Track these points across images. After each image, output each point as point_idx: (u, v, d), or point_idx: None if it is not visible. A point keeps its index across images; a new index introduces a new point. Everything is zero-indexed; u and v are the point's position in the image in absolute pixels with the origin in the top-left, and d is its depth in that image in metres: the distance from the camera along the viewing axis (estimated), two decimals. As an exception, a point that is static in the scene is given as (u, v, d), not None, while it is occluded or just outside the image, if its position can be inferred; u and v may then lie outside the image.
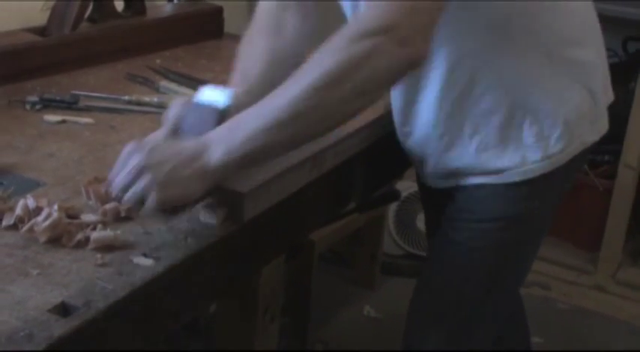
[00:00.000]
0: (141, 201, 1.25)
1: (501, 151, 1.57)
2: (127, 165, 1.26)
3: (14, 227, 1.29)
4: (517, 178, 1.59)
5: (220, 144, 1.28)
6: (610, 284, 2.86)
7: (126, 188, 1.25)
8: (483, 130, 1.57)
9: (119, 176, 1.26)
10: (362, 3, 1.45)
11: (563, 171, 1.61)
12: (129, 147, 1.28)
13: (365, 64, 1.27)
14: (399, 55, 1.28)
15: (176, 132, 1.40)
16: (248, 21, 2.78)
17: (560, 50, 1.56)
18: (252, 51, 1.63)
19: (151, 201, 1.24)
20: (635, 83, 2.64)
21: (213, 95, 1.42)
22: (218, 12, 2.30)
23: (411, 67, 1.32)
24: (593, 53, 1.65)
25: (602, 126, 1.68)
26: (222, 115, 1.39)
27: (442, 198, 1.71)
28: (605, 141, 1.70)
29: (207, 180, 1.29)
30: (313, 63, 1.30)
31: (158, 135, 1.39)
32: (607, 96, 1.70)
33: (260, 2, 1.68)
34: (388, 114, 1.69)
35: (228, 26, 2.33)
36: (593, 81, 1.64)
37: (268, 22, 1.65)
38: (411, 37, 1.28)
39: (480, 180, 1.61)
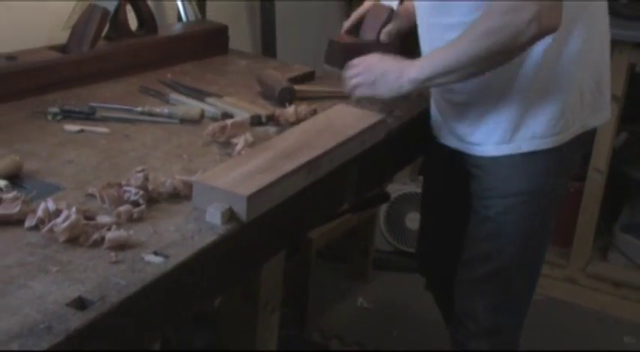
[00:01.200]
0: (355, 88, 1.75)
1: (517, 126, 1.72)
2: (358, 65, 1.76)
3: (36, 228, 1.29)
4: (528, 149, 1.72)
5: (415, 67, 1.67)
6: (581, 277, 2.88)
7: (352, 77, 1.75)
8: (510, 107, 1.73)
9: (350, 72, 1.76)
10: None
11: (567, 149, 1.74)
12: (357, 60, 1.77)
13: (503, 31, 1.54)
14: (527, 30, 1.51)
15: (357, 25, 1.96)
16: (251, 39, 2.78)
17: (580, 48, 1.69)
18: None
19: (360, 90, 1.75)
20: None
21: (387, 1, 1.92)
22: (223, 30, 2.30)
23: (539, 36, 1.54)
24: (603, 52, 1.78)
25: (604, 116, 1.82)
26: (392, 13, 1.90)
27: (461, 171, 1.86)
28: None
29: (401, 90, 1.69)
30: (476, 24, 1.58)
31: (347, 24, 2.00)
32: (608, 93, 1.81)
33: None
34: (379, 124, 1.72)
35: (233, 43, 2.33)
36: (600, 74, 1.76)
37: None
38: (542, 9, 1.49)
39: (496, 152, 1.76)
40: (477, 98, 1.75)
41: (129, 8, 2.08)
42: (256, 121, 1.76)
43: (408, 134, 1.91)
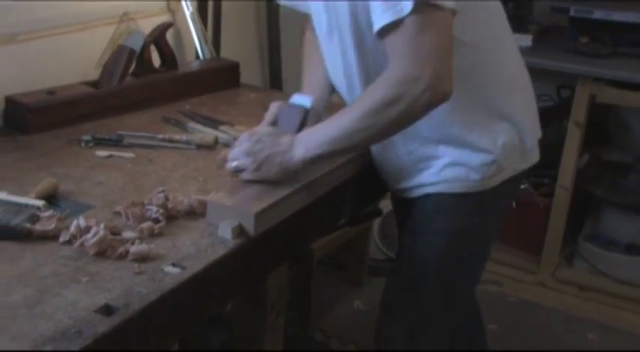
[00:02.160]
0: (238, 172, 1.48)
1: (458, 169, 1.58)
2: (240, 146, 1.48)
3: (69, 242, 1.29)
4: (460, 190, 1.59)
5: (302, 146, 1.45)
6: (550, 281, 2.87)
7: (232, 160, 1.49)
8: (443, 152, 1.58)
9: (233, 152, 1.49)
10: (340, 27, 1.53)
11: (497, 191, 1.61)
12: (245, 135, 1.50)
13: (400, 102, 1.36)
14: (423, 99, 1.36)
15: (274, 122, 1.59)
16: (259, 74, 2.79)
17: (495, 101, 1.57)
18: (311, 69, 1.74)
19: (245, 175, 1.47)
20: (567, 121, 2.65)
21: (300, 100, 1.61)
22: (235, 67, 2.30)
23: (434, 104, 1.39)
24: (521, 103, 1.65)
25: (533, 157, 1.68)
26: (306, 113, 1.58)
27: (405, 209, 1.71)
28: (544, 167, 1.69)
29: (288, 171, 1.46)
30: (367, 95, 1.42)
31: (262, 126, 1.59)
32: (535, 134, 1.69)
33: (305, 34, 1.80)
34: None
35: (244, 78, 2.33)
36: (521, 124, 1.63)
37: (313, 47, 1.73)
38: (431, 82, 1.35)
39: (429, 190, 1.61)
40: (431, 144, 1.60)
41: (153, 48, 2.09)
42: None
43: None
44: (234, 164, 1.49)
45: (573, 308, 2.82)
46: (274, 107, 1.62)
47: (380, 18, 1.35)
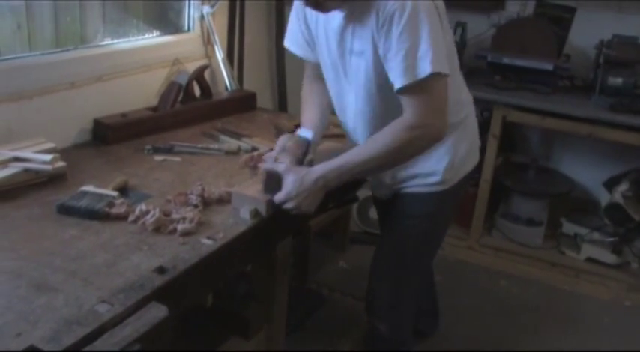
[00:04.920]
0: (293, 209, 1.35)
1: (425, 177, 1.55)
2: (288, 190, 1.34)
3: (135, 221, 1.30)
4: (429, 190, 1.55)
5: (323, 178, 1.34)
6: (476, 246, 2.86)
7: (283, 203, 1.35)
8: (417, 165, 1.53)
9: (284, 197, 1.34)
10: (347, 67, 1.43)
11: (456, 188, 1.58)
12: (290, 178, 1.34)
13: (412, 144, 1.33)
14: (430, 139, 1.34)
15: (283, 150, 1.44)
16: (270, 100, 2.78)
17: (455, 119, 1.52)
18: (310, 106, 1.59)
19: (295, 210, 1.35)
20: (487, 134, 2.65)
21: (303, 132, 1.50)
22: (253, 95, 2.29)
23: (436, 142, 1.37)
24: (472, 119, 1.62)
25: (476, 160, 1.65)
26: (309, 144, 1.48)
27: (387, 203, 1.67)
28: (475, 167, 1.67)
29: (317, 198, 1.36)
30: (382, 137, 1.34)
31: (275, 152, 1.45)
32: (477, 145, 1.67)
33: (304, 82, 1.65)
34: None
35: (259, 103, 2.31)
36: (472, 137, 1.62)
37: (311, 87, 1.61)
38: (437, 127, 1.33)
39: (412, 190, 1.57)
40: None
41: (195, 83, 2.09)
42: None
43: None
44: (288, 206, 1.36)
45: (491, 264, 2.81)
46: (282, 139, 1.49)
47: (400, 78, 1.29)
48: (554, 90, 2.60)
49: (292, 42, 1.58)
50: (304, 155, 1.46)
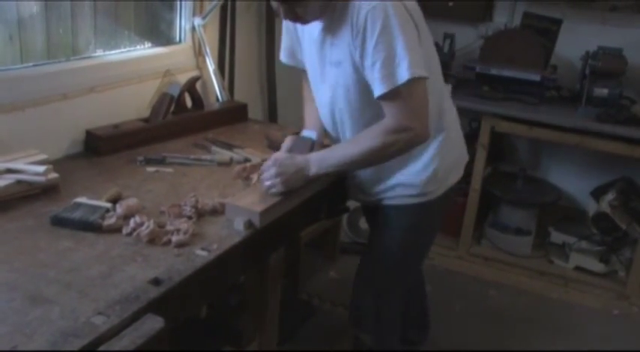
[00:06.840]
0: (271, 188, 1.42)
1: (406, 188, 1.56)
2: (269, 170, 1.42)
3: (130, 233, 1.29)
4: (415, 201, 1.56)
5: (315, 165, 1.43)
6: (465, 255, 2.87)
7: (266, 181, 1.42)
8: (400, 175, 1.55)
9: (264, 176, 1.42)
10: (326, 70, 1.46)
11: (439, 200, 1.59)
12: (270, 161, 1.43)
13: (394, 145, 1.36)
14: (411, 142, 1.37)
15: (289, 150, 1.52)
16: (261, 111, 2.78)
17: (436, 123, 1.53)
18: (310, 108, 1.66)
19: (276, 190, 1.41)
20: (476, 144, 2.67)
21: (307, 133, 1.58)
22: (244, 106, 2.29)
23: (417, 145, 1.41)
24: (457, 134, 1.63)
25: (460, 174, 1.66)
26: (313, 143, 1.56)
27: (374, 213, 1.68)
28: (463, 176, 1.68)
29: (306, 181, 1.44)
30: (369, 137, 1.38)
31: (281, 153, 1.50)
32: (463, 158, 1.68)
33: (303, 84, 1.71)
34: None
35: (250, 114, 2.32)
36: (459, 151, 1.62)
37: (309, 94, 1.66)
38: (417, 131, 1.35)
39: (394, 202, 1.58)
40: (385, 171, 1.57)
41: (186, 94, 2.09)
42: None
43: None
44: (268, 184, 1.42)
45: (480, 273, 2.83)
46: (289, 139, 1.56)
47: (380, 86, 1.32)
48: (541, 100, 2.64)
49: (288, 56, 1.63)
50: (309, 153, 1.50)
